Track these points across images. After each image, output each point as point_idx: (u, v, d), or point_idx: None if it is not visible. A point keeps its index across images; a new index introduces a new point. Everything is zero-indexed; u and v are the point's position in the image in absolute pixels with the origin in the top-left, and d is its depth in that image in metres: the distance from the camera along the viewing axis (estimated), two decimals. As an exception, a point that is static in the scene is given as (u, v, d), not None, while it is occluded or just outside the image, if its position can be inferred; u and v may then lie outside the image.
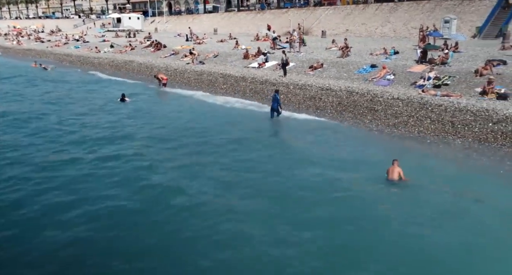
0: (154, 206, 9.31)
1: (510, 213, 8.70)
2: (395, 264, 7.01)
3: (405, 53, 24.75)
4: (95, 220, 8.63)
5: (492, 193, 9.73)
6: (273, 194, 9.78)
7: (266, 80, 21.80)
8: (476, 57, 21.67)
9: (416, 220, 8.37)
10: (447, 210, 8.75)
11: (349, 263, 7.13)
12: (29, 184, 10.34)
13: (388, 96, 16.70)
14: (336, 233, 7.98)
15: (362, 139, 14.31)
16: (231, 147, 13.21)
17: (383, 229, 8.08)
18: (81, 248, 7.68)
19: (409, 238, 7.74)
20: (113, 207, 9.21)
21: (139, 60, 32.48)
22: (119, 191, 9.98)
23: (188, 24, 68.69)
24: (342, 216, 8.64)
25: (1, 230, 8.25)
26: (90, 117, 17.38)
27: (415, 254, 7.28)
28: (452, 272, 6.87)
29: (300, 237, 7.83)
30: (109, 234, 8.14)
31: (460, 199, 9.34)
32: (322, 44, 32.25)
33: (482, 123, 13.59)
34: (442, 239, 7.64)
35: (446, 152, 12.65)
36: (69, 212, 8.94)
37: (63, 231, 8.16)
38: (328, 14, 48.63)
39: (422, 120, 14.77)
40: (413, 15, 39.98)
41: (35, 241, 7.89)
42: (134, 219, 8.76)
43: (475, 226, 8.19)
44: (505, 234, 7.96)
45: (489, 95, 15.63)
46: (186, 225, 8.45)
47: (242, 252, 7.44)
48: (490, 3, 35.65)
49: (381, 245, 7.57)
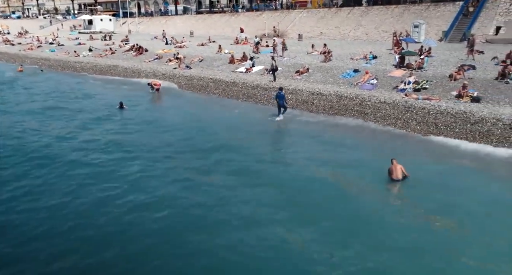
0: (159, 210, 10.12)
1: (488, 201, 10.36)
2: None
3: (383, 57, 26.63)
4: (102, 225, 9.43)
5: (476, 184, 11.40)
6: (284, 194, 10.99)
7: (257, 85, 23.03)
8: (448, 62, 23.78)
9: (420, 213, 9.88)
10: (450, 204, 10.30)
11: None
12: (38, 189, 11.22)
13: (375, 100, 18.34)
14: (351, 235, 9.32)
15: (358, 139, 15.79)
16: (238, 148, 14.40)
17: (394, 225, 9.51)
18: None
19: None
20: (123, 210, 10.07)
21: (124, 65, 32.85)
22: (131, 194, 10.93)
23: (161, 25, 68.79)
24: (349, 215, 9.99)
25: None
26: (94, 125, 17.96)
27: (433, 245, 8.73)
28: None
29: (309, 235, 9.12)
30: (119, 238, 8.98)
31: (455, 193, 10.91)
32: (301, 48, 33.73)
33: (461, 124, 15.40)
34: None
35: (433, 150, 14.31)
36: (75, 218, 9.76)
37: (61, 240, 8.86)
38: (302, 17, 50.30)
39: (408, 122, 16.46)
40: (384, 19, 42.26)
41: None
42: (143, 225, 9.51)
43: (465, 217, 9.77)
44: (487, 218, 9.56)
45: (464, 98, 17.53)
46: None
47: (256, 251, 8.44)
48: (454, 8, 38.37)
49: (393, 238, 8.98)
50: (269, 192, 11.09)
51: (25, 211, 10.05)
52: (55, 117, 19.60)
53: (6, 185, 11.44)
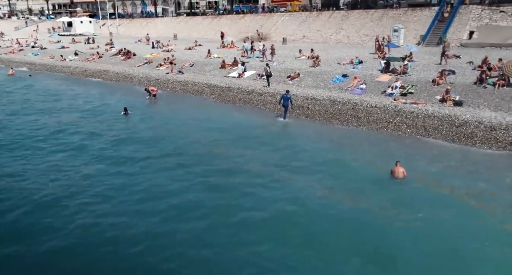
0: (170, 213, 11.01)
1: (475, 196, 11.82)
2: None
3: (368, 62, 28.14)
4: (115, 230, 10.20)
5: (464, 182, 12.84)
6: (293, 193, 12.15)
7: (252, 90, 24.09)
8: (429, 67, 25.48)
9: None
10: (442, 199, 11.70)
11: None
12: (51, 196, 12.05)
13: (367, 105, 19.72)
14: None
15: (355, 141, 17.09)
16: (246, 154, 15.45)
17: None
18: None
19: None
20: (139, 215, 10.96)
21: (115, 70, 33.28)
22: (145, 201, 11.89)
23: (142, 27, 68.96)
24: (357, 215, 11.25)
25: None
26: (104, 131, 18.62)
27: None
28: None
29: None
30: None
31: (445, 191, 12.32)
32: (288, 52, 34.92)
33: (448, 127, 16.94)
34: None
35: (424, 151, 15.76)
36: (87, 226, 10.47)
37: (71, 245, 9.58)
38: (284, 20, 51.58)
39: (399, 125, 17.91)
40: (364, 23, 44.01)
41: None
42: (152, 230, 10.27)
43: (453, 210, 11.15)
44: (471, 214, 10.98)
45: (447, 102, 19.12)
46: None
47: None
48: (430, 13, 40.45)
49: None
50: (286, 190, 12.20)
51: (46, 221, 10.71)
52: (63, 123, 20.13)
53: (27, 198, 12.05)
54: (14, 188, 12.49)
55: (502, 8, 36.53)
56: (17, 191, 12.26)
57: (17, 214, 10.92)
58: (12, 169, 14.03)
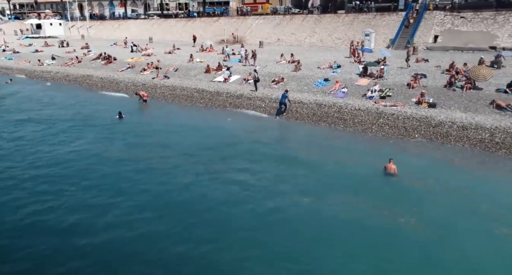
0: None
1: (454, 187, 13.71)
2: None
3: (345, 66, 30.07)
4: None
5: (446, 176, 14.74)
6: (298, 187, 13.65)
7: (241, 94, 25.41)
8: (402, 70, 27.65)
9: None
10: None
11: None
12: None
13: (351, 108, 21.50)
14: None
15: (343, 142, 18.77)
16: (246, 157, 16.76)
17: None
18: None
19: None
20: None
21: (99, 75, 33.65)
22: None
23: (114, 30, 68.60)
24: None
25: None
26: (103, 135, 19.51)
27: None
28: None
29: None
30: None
31: (428, 184, 14.16)
32: (267, 56, 36.36)
33: (425, 127, 18.93)
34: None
35: (407, 149, 17.64)
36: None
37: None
38: (258, 24, 53.04)
39: (382, 127, 19.76)
40: (336, 27, 46.15)
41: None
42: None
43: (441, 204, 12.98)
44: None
45: (422, 104, 21.18)
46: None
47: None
48: (398, 17, 43.03)
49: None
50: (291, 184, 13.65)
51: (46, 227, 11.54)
52: (60, 128, 20.81)
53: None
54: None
55: (462, 14, 39.54)
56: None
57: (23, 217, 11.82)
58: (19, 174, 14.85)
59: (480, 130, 17.83)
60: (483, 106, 20.17)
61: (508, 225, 11.27)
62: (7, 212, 12.13)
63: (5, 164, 15.86)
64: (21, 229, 11.25)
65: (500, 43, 34.98)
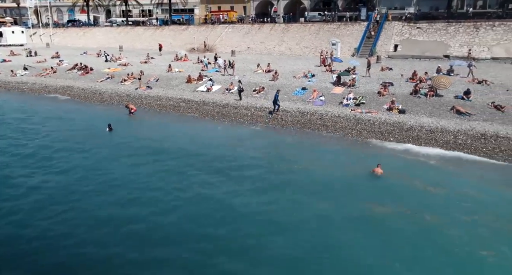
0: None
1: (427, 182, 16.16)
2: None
3: (319, 75, 32.53)
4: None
5: (417, 173, 17.19)
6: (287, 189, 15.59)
7: (227, 104, 27.12)
8: (371, 79, 30.41)
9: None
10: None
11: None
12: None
13: (331, 115, 23.79)
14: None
15: (328, 146, 20.92)
16: (240, 165, 18.46)
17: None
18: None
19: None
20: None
21: (80, 85, 34.16)
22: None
23: (79, 38, 68.09)
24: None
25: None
26: (94, 148, 20.28)
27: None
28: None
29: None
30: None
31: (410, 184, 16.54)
32: (242, 65, 38.26)
33: (399, 131, 21.49)
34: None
35: (385, 152, 20.05)
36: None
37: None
38: (228, 32, 54.86)
39: (361, 132, 22.14)
40: (303, 36, 48.82)
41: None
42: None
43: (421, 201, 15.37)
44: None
45: (393, 111, 23.81)
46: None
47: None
48: (360, 27, 46.27)
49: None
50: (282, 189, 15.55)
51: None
52: (49, 142, 21.42)
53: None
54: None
55: (418, 25, 43.27)
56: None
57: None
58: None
59: (445, 133, 20.59)
60: (445, 111, 23.05)
61: (469, 213, 13.74)
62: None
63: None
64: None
65: (452, 51, 38.80)
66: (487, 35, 39.13)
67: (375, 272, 10.84)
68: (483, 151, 19.14)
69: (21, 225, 13.03)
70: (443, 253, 11.48)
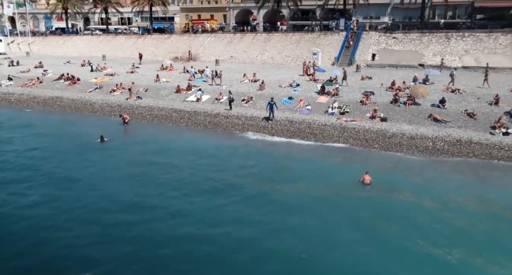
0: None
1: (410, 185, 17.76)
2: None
3: (303, 85, 34.06)
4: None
5: (407, 179, 18.78)
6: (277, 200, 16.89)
7: (218, 113, 28.26)
8: (353, 88, 32.14)
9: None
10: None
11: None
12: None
13: (319, 123, 25.27)
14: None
15: (317, 154, 22.33)
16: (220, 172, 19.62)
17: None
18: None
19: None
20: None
21: (69, 96, 34.53)
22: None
23: (59, 46, 67.83)
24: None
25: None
26: (85, 162, 20.67)
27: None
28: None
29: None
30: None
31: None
32: (229, 75, 39.39)
33: (382, 138, 23.15)
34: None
35: (370, 157, 21.61)
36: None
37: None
38: (211, 41, 55.96)
39: (347, 139, 23.70)
40: (284, 45, 50.45)
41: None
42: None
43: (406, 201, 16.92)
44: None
45: (376, 119, 25.50)
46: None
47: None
48: (339, 37, 48.23)
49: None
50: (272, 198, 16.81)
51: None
52: (41, 153, 22.11)
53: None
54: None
55: (394, 35, 45.53)
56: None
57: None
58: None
59: (425, 139, 22.37)
60: (423, 119, 24.90)
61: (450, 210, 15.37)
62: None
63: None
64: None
65: (426, 61, 41.13)
66: (458, 45, 41.68)
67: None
68: (459, 156, 20.97)
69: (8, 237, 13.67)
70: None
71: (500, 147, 20.97)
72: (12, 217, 14.92)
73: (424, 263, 12.24)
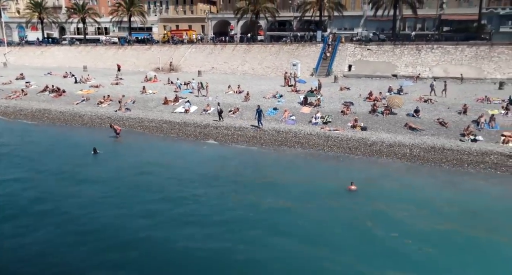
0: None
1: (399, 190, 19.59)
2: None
3: (286, 95, 35.79)
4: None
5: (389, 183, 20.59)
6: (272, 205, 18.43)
7: (207, 124, 29.56)
8: (333, 99, 34.08)
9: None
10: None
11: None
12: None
13: (304, 133, 26.96)
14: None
15: (305, 162, 23.95)
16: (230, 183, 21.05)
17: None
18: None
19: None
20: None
21: (57, 108, 35.01)
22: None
23: (36, 56, 67.48)
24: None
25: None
26: (79, 175, 21.35)
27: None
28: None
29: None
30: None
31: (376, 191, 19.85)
32: (212, 86, 40.65)
33: (363, 146, 25.02)
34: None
35: (353, 164, 23.40)
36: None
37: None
38: (191, 52, 57.17)
39: (332, 147, 25.46)
40: (264, 56, 52.24)
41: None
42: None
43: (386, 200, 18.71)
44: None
45: (356, 128, 27.40)
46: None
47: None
48: (317, 49, 50.41)
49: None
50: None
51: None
52: (34, 166, 22.73)
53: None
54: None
55: (368, 47, 48.05)
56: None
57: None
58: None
59: (403, 147, 24.38)
60: (400, 127, 26.97)
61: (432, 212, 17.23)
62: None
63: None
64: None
65: (400, 71, 43.70)
66: (428, 56, 44.51)
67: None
68: (434, 161, 23.03)
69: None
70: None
71: (469, 152, 23.13)
72: (3, 234, 15.40)
73: (400, 259, 13.90)
